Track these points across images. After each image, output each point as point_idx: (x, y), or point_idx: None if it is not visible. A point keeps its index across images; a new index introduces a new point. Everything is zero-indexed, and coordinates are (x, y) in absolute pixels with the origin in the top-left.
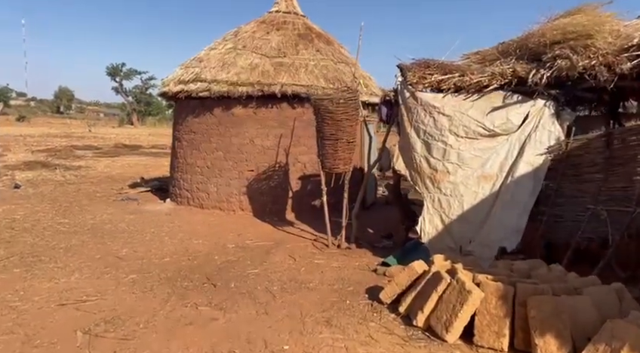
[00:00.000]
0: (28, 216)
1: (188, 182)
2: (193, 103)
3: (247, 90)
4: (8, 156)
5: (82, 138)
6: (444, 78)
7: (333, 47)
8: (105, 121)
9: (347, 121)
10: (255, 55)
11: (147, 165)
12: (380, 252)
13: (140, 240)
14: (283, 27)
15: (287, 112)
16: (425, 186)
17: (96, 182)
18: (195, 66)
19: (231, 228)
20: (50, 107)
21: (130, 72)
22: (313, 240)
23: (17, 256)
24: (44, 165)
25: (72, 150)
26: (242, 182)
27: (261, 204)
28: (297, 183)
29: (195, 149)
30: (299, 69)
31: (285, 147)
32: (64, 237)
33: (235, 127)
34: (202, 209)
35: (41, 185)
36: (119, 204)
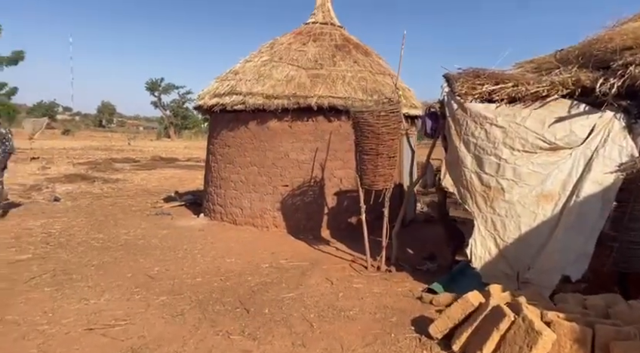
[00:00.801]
0: (64, 231)
1: (221, 197)
2: (228, 117)
3: (283, 102)
4: (51, 169)
5: (122, 151)
6: (496, 88)
7: (372, 58)
8: (144, 134)
9: (388, 134)
10: (291, 67)
11: (182, 178)
12: (424, 276)
13: (172, 258)
14: (320, 38)
15: (323, 125)
16: (476, 205)
17: (132, 195)
18: (230, 79)
19: (264, 246)
20: (93, 121)
21: (168, 87)
22: (351, 261)
23: (50, 273)
24: (84, 178)
25: (111, 163)
26: (276, 197)
27: (295, 220)
28: (333, 199)
29: (230, 163)
30: (336, 80)
31: (321, 161)
32: (97, 253)
33: (270, 140)
34: (235, 225)
35: (79, 198)
36: (153, 218)
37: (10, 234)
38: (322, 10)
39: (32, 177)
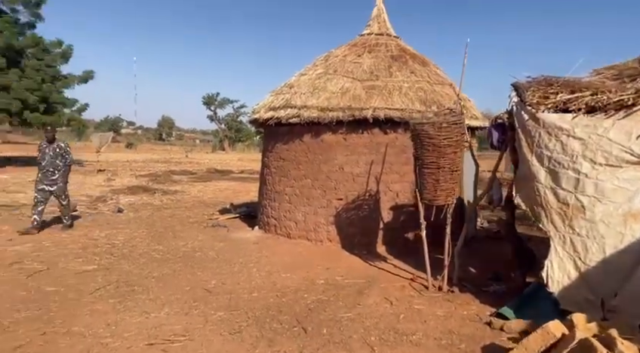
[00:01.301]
0: (127, 242)
1: (275, 210)
2: (282, 130)
3: (338, 115)
4: (116, 181)
5: (180, 163)
6: (572, 97)
7: (429, 68)
8: (200, 147)
9: (450, 147)
10: (346, 79)
11: (236, 190)
12: (490, 298)
13: (228, 271)
14: (375, 49)
15: (379, 137)
16: (552, 223)
17: (190, 206)
18: (285, 93)
19: (319, 261)
20: (154, 134)
21: (223, 101)
22: (410, 279)
23: (113, 284)
24: (145, 190)
25: (170, 175)
26: (330, 211)
27: (350, 235)
28: (389, 214)
29: (284, 176)
30: (392, 92)
31: (376, 175)
32: (157, 265)
33: (324, 153)
34: (289, 238)
35: (140, 210)
36: (210, 230)
37: (77, 245)
38: (378, 21)
39: (98, 189)
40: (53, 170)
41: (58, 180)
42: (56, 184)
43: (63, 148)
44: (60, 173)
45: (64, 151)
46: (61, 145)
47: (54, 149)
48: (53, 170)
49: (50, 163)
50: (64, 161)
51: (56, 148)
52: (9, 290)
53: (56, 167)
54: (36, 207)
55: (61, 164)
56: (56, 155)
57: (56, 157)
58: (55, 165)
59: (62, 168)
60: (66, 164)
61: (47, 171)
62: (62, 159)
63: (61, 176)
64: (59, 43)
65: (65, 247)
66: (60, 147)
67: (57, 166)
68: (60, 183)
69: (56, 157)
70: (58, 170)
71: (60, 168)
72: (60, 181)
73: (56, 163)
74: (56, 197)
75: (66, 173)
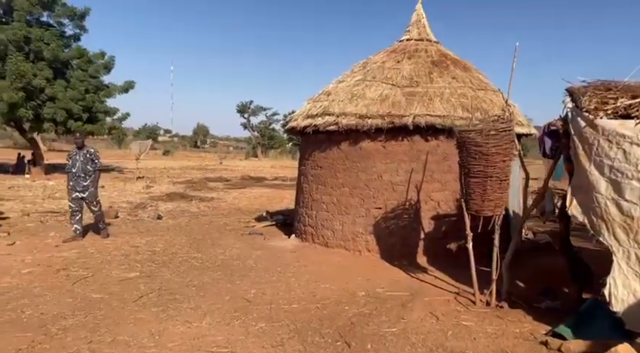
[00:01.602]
0: (166, 249)
1: (313, 219)
2: (320, 137)
3: (377, 122)
4: (154, 187)
5: (214, 170)
6: (635, 102)
7: (471, 73)
8: (234, 154)
9: (499, 155)
10: (385, 85)
11: (270, 197)
12: (543, 315)
13: (267, 281)
14: (415, 55)
15: (420, 145)
16: (614, 237)
17: (226, 214)
18: (323, 100)
19: (358, 272)
20: (189, 142)
21: (256, 109)
22: (455, 293)
23: (156, 292)
24: (183, 197)
25: (205, 182)
26: (369, 220)
27: (389, 245)
28: (430, 224)
29: (321, 185)
30: (433, 98)
31: (416, 183)
32: (197, 273)
33: (363, 161)
34: (327, 247)
35: (179, 217)
36: (246, 238)
37: (120, 252)
38: (417, 27)
39: (137, 196)
40: (85, 176)
41: (89, 186)
42: (88, 190)
43: (92, 154)
44: (90, 178)
45: (93, 156)
46: (90, 151)
47: (84, 155)
48: (84, 175)
49: (81, 169)
50: (94, 166)
51: (86, 154)
52: (57, 296)
53: (87, 173)
54: (74, 216)
55: (91, 170)
56: (86, 160)
57: (86, 162)
58: (86, 171)
59: (92, 173)
60: (95, 168)
61: (78, 177)
62: (92, 164)
63: (92, 181)
64: (102, 54)
65: (108, 253)
66: (89, 152)
67: (88, 171)
68: (92, 188)
69: (87, 162)
70: (89, 176)
71: (90, 173)
72: (91, 186)
73: (87, 168)
74: (87, 204)
75: (96, 179)
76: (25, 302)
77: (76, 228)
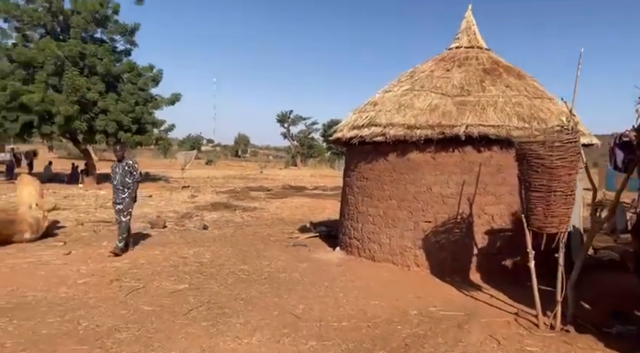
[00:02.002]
0: (213, 261)
1: (358, 232)
2: (366, 148)
3: (426, 133)
4: (199, 197)
5: (255, 179)
6: None
7: (526, 80)
8: (273, 163)
9: (564, 168)
10: (434, 95)
11: (312, 207)
12: (615, 340)
13: (314, 296)
14: (465, 63)
15: (472, 156)
16: None
17: (270, 224)
18: (369, 111)
19: (408, 288)
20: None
21: (296, 118)
22: (514, 314)
23: (205, 305)
24: (226, 206)
25: (248, 191)
26: (418, 234)
27: (440, 260)
28: (483, 238)
29: (367, 197)
30: (486, 107)
31: (468, 196)
32: (244, 286)
33: (411, 173)
34: (374, 261)
35: (224, 227)
36: (291, 249)
37: (169, 263)
38: (467, 34)
39: (183, 205)
40: (123, 188)
41: (126, 198)
42: (124, 201)
43: (131, 166)
44: (128, 191)
45: (132, 169)
46: (129, 163)
47: (123, 167)
48: (123, 188)
49: (120, 181)
50: (132, 178)
51: (125, 166)
52: (111, 308)
53: (126, 185)
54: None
55: (130, 182)
56: (125, 172)
57: (125, 175)
58: (125, 183)
59: (131, 186)
60: (134, 181)
61: (117, 189)
62: (130, 176)
63: (129, 194)
64: (150, 68)
65: (158, 264)
66: (128, 165)
67: (127, 183)
68: (127, 198)
69: (125, 175)
70: (128, 188)
71: (129, 186)
72: (127, 197)
73: (126, 181)
74: (118, 212)
75: (133, 191)
76: (81, 313)
77: (122, 239)
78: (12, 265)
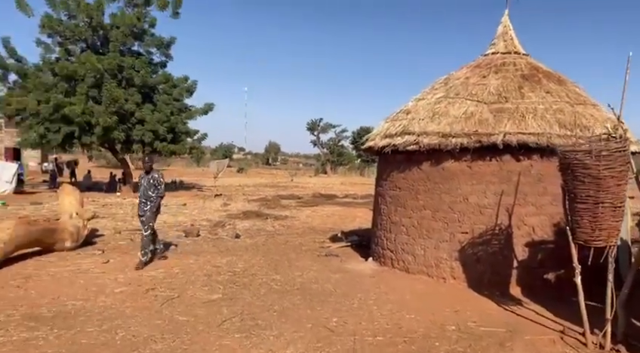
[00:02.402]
0: (246, 270)
1: (392, 242)
2: (399, 157)
3: (462, 141)
4: (231, 205)
5: (286, 187)
6: None
7: (567, 86)
8: (303, 171)
9: (613, 179)
10: (470, 102)
11: (342, 215)
12: None
13: (347, 308)
14: (502, 69)
15: (510, 165)
16: None
17: (301, 233)
18: (402, 119)
19: (445, 302)
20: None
21: (326, 126)
22: (560, 332)
23: (238, 316)
24: (258, 215)
25: (278, 200)
26: (454, 245)
27: (477, 273)
28: (524, 251)
29: (400, 206)
30: (525, 114)
31: (507, 206)
32: (277, 297)
33: (446, 182)
34: (407, 273)
35: (255, 236)
36: (323, 259)
37: (203, 272)
38: (504, 39)
39: (216, 213)
40: (146, 201)
41: (148, 211)
42: (146, 214)
43: (156, 179)
44: (150, 204)
45: (157, 182)
46: (155, 176)
47: (148, 180)
48: (146, 200)
49: (143, 193)
50: (156, 191)
51: (151, 179)
52: (147, 318)
53: (149, 198)
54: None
55: (153, 196)
56: (149, 185)
57: (149, 187)
58: (147, 196)
59: (154, 199)
60: (157, 195)
61: (140, 202)
62: (154, 190)
63: (151, 207)
64: (185, 79)
65: (192, 273)
66: (154, 178)
67: (149, 197)
68: (149, 212)
69: (150, 187)
70: (151, 201)
71: (152, 199)
72: (149, 211)
73: (149, 193)
74: (140, 224)
75: (155, 205)
76: (118, 323)
77: (145, 253)
78: (53, 274)
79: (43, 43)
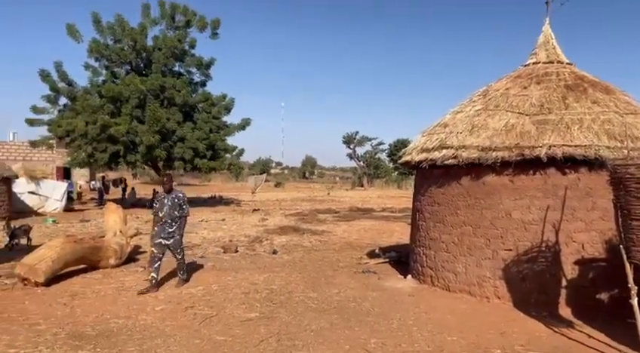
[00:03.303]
0: (283, 287)
1: (431, 259)
2: (437, 172)
3: (503, 154)
4: (269, 220)
5: (323, 201)
6: None
7: (615, 95)
8: (340, 184)
9: None
10: (511, 114)
11: (380, 230)
12: None
13: (386, 328)
14: (544, 79)
15: (555, 178)
16: None
17: (338, 249)
18: (439, 132)
19: (489, 323)
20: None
21: (362, 139)
22: None
23: (275, 336)
24: (295, 230)
25: (315, 214)
26: (497, 263)
27: (523, 292)
28: (573, 269)
29: (439, 222)
30: (570, 126)
31: (554, 222)
32: (314, 316)
33: (487, 197)
34: (448, 291)
35: (292, 251)
36: (360, 276)
37: (240, 289)
38: (546, 48)
39: (254, 229)
40: (171, 222)
41: (175, 233)
42: (173, 237)
43: (181, 198)
44: (177, 225)
45: (182, 201)
46: (179, 195)
47: (172, 199)
48: (171, 221)
49: (168, 214)
50: (182, 212)
51: (175, 198)
52: (186, 337)
53: (174, 219)
54: (153, 262)
55: (178, 216)
56: (174, 205)
57: (174, 208)
58: (173, 216)
59: (179, 219)
60: (183, 214)
61: (165, 223)
62: (180, 210)
63: (178, 228)
64: (223, 97)
65: (230, 290)
66: (178, 197)
67: (175, 217)
68: (177, 236)
69: (175, 208)
70: (175, 222)
71: (177, 220)
72: (177, 234)
73: (174, 214)
74: (171, 252)
75: (182, 225)
76: (158, 342)
77: (153, 277)
78: (98, 291)
79: (91, 67)
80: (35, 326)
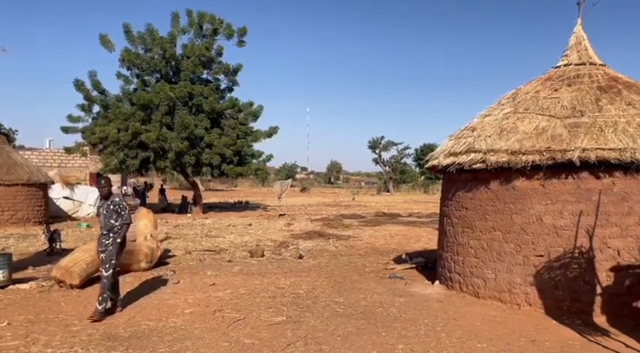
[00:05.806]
0: (309, 292)
1: (459, 265)
2: (465, 176)
3: (533, 158)
4: (294, 225)
5: (348, 206)
6: None
7: None
8: (365, 189)
9: None
10: (541, 117)
11: (406, 235)
12: None
13: (414, 334)
14: (576, 81)
15: (589, 183)
16: None
17: (364, 254)
18: (467, 136)
19: (520, 330)
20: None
21: (388, 144)
22: None
23: (302, 340)
24: (320, 235)
25: (341, 219)
26: (528, 269)
27: (555, 299)
28: (608, 276)
29: (468, 228)
30: (604, 129)
31: (587, 228)
32: (341, 321)
33: (517, 202)
34: (477, 298)
35: (318, 256)
36: (387, 282)
37: (267, 293)
38: (577, 50)
39: (280, 233)
40: (107, 233)
41: (110, 245)
42: (107, 249)
43: (117, 204)
44: (113, 236)
45: (119, 208)
46: (115, 200)
47: (108, 206)
48: (107, 232)
49: (104, 223)
50: (120, 219)
51: (111, 205)
52: (214, 340)
53: (111, 229)
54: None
55: (117, 225)
56: (110, 212)
57: (110, 215)
58: (109, 226)
59: (117, 229)
60: (122, 222)
61: (101, 234)
62: (118, 217)
63: (113, 239)
64: (250, 104)
65: (257, 294)
66: (114, 203)
67: (112, 227)
68: (111, 246)
69: (111, 215)
70: (113, 232)
71: (115, 230)
72: (111, 244)
73: (111, 223)
74: (101, 262)
75: (120, 235)
76: (187, 344)
77: (103, 299)
78: (129, 294)
79: (123, 75)
80: (71, 327)
